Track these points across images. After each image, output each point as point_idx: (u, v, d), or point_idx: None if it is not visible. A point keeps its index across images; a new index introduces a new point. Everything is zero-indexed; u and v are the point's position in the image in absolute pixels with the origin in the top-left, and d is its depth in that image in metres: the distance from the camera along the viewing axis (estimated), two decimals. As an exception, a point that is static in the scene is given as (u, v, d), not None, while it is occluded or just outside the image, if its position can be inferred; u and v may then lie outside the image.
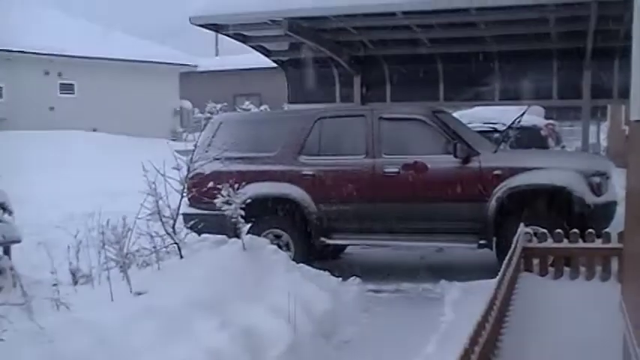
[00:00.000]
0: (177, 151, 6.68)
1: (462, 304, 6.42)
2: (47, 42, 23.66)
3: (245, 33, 10.16)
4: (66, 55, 24.16)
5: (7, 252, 6.81)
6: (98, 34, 27.14)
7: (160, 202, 5.91)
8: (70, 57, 24.29)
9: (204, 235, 8.49)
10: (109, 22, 31.47)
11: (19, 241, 6.87)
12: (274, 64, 12.06)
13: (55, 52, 23.81)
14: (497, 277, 4.84)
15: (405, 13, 8.67)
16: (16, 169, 14.68)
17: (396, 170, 7.99)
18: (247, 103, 29.04)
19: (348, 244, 8.91)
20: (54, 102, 24.29)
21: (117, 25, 32.10)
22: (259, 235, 7.51)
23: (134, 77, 26.33)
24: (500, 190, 7.64)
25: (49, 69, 24.16)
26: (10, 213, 6.89)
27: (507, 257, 5.49)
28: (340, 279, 7.48)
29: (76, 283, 6.21)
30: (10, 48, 22.07)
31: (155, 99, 26.71)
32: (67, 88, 25.06)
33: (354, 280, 7.75)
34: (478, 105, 13.08)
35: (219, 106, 9.07)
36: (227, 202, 6.27)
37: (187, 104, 28.76)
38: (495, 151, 8.18)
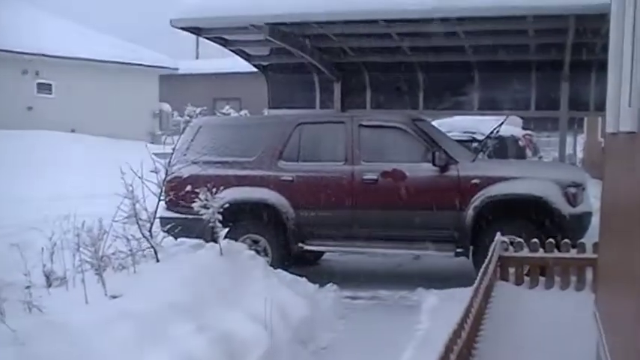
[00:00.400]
0: (156, 154, 6.65)
1: (439, 311, 6.44)
2: (25, 40, 23.40)
3: (226, 37, 10.14)
4: (44, 54, 23.90)
5: (-21, 253, 6.70)
6: (77, 33, 26.91)
7: (137, 205, 5.86)
8: (48, 56, 24.04)
9: (180, 239, 8.46)
10: (87, 22, 31.18)
11: (-8, 242, 6.77)
12: (255, 69, 12.04)
13: (33, 52, 23.55)
14: (474, 286, 4.87)
15: (386, 21, 8.71)
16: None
17: (375, 177, 8.01)
18: (227, 107, 28.96)
19: (326, 251, 8.91)
20: (32, 102, 24.02)
21: (96, 24, 31.82)
22: (237, 240, 7.48)
23: (113, 78, 26.13)
24: (477, 199, 7.69)
25: (27, 68, 23.89)
26: (-15, 213, 6.80)
27: (484, 266, 5.52)
28: (317, 285, 7.49)
29: (49, 285, 6.13)
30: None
31: (134, 101, 26.53)
32: (45, 87, 24.79)
33: (331, 287, 7.76)
34: (457, 114, 13.16)
35: (198, 109, 9.06)
36: (205, 207, 6.24)
37: (167, 107, 28.60)
38: (473, 160, 8.23)
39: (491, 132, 10.18)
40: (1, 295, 4.41)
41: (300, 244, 8.21)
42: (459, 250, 7.81)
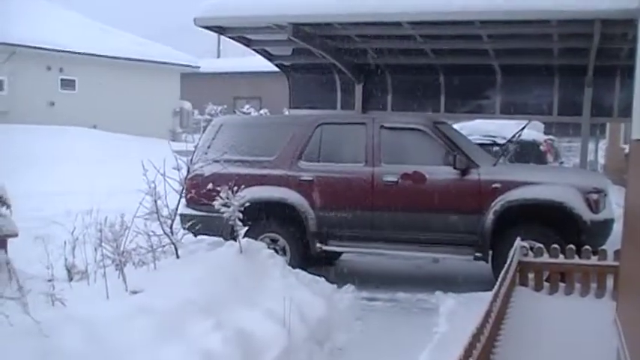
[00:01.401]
0: (176, 152, 6.69)
1: (457, 315, 6.42)
2: (50, 37, 23.65)
3: (249, 36, 10.17)
4: (68, 51, 24.14)
5: (3, 246, 6.78)
6: (101, 31, 27.17)
7: (159, 201, 5.91)
8: (72, 53, 24.27)
9: (200, 237, 8.53)
10: (110, 20, 31.47)
11: (15, 235, 6.83)
12: (276, 68, 12.07)
13: (57, 48, 23.80)
14: (493, 290, 4.85)
15: (410, 23, 8.70)
16: (15, 162, 14.67)
17: (395, 179, 8.00)
18: (247, 106, 29.10)
19: (345, 251, 8.91)
20: (55, 97, 24.27)
21: (118, 22, 32.10)
22: (256, 238, 7.49)
23: (135, 76, 26.33)
24: (498, 203, 7.65)
25: (51, 64, 24.14)
26: (8, 207, 6.86)
27: (503, 271, 5.50)
28: (335, 286, 7.49)
29: (71, 279, 6.20)
30: (13, 42, 22.05)
31: (155, 98, 26.71)
32: (68, 84, 25.04)
33: (348, 288, 7.76)
34: (479, 118, 13.11)
35: (218, 108, 9.11)
36: (225, 205, 6.27)
37: (187, 105, 28.75)
38: (495, 164, 8.19)
39: (513, 136, 10.13)
40: (25, 287, 4.45)
41: (319, 244, 8.22)
42: (477, 254, 7.78)
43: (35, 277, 5.93)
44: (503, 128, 13.22)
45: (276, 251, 7.65)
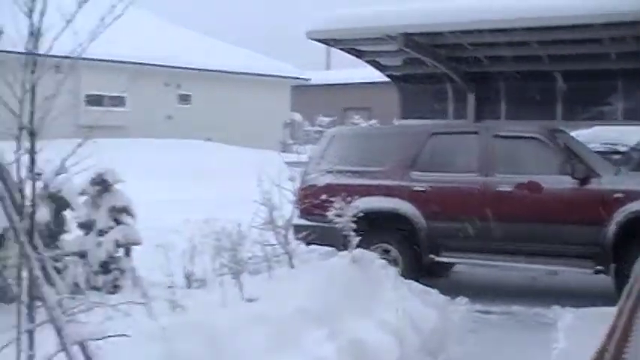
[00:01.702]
0: (287, 163, 6.82)
1: (576, 331, 6.19)
2: (168, 55, 24.70)
3: (360, 48, 10.23)
4: (185, 67, 25.14)
5: (127, 253, 7.12)
6: (215, 47, 28.10)
7: (274, 212, 6.03)
8: (188, 69, 25.26)
9: (312, 247, 8.63)
10: (223, 36, 32.52)
11: (139, 244, 7.15)
12: (385, 79, 12.07)
13: (175, 65, 24.83)
14: (617, 305, 4.64)
15: (526, 29, 8.49)
16: (136, 174, 15.35)
17: (510, 189, 7.80)
18: (357, 117, 29.25)
19: (458, 263, 8.77)
20: (172, 111, 25.30)
21: (230, 38, 33.11)
22: (367, 249, 7.47)
23: (247, 89, 27.06)
24: (620, 214, 7.31)
25: (169, 80, 25.19)
26: (133, 216, 7.20)
27: (628, 285, 5.25)
28: (448, 297, 7.38)
29: (189, 286, 6.42)
30: (135, 60, 23.20)
31: (267, 111, 27.32)
32: (184, 98, 26.09)
33: (461, 300, 7.63)
34: (598, 125, 12.56)
35: (328, 119, 9.24)
36: (338, 215, 6.32)
37: (297, 117, 29.24)
38: (617, 174, 7.84)
39: (638, 144, 9.66)
40: (149, 294, 4.65)
41: (432, 255, 8.12)
42: (598, 267, 7.45)
43: (155, 283, 6.19)
44: (625, 135, 12.61)
45: (388, 262, 7.61)
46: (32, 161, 3.67)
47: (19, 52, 3.60)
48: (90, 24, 3.62)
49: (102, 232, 6.93)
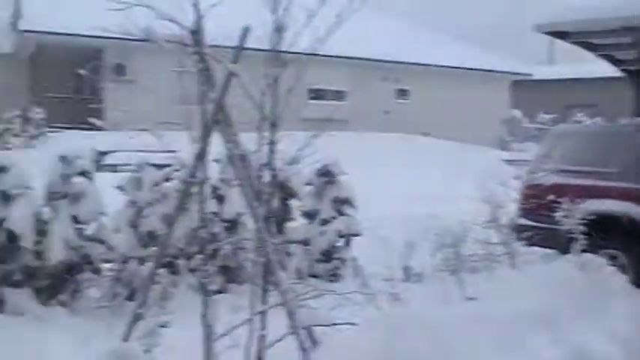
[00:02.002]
0: (505, 161, 6.62)
1: None
2: (387, 50, 25.00)
3: (594, 41, 9.64)
4: (404, 62, 25.32)
5: (348, 243, 7.33)
6: (433, 41, 27.95)
7: (499, 210, 5.90)
8: (407, 64, 25.41)
9: (531, 248, 8.30)
10: (440, 28, 32.24)
11: (359, 235, 7.33)
12: (614, 74, 11.27)
13: (394, 59, 25.10)
14: None
15: None
16: (359, 167, 15.73)
17: None
18: (580, 114, 27.59)
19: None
20: (390, 106, 25.62)
21: (445, 29, 32.74)
22: (593, 254, 7.07)
23: (465, 84, 26.65)
24: None
25: (388, 75, 25.53)
26: (354, 207, 7.39)
27: None
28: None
29: (407, 280, 6.48)
30: (355, 55, 23.78)
31: (485, 107, 26.72)
32: (402, 93, 26.29)
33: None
34: None
35: (549, 116, 8.80)
36: (566, 217, 6.02)
37: (517, 113, 28.28)
38: None
39: None
40: (369, 285, 4.76)
41: (666, 265, 7.45)
42: None
43: (374, 275, 6.32)
44: None
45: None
46: (272, 151, 3.91)
47: (262, 50, 3.83)
48: (321, 21, 3.76)
49: (325, 222, 7.20)
